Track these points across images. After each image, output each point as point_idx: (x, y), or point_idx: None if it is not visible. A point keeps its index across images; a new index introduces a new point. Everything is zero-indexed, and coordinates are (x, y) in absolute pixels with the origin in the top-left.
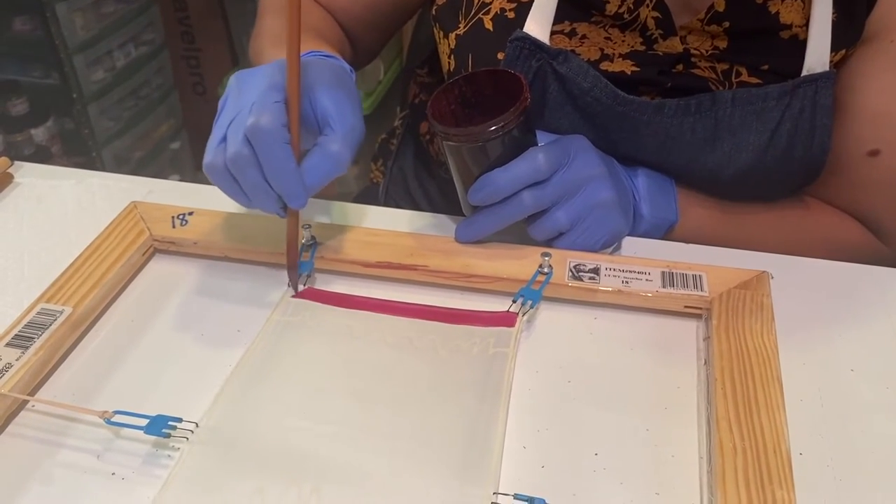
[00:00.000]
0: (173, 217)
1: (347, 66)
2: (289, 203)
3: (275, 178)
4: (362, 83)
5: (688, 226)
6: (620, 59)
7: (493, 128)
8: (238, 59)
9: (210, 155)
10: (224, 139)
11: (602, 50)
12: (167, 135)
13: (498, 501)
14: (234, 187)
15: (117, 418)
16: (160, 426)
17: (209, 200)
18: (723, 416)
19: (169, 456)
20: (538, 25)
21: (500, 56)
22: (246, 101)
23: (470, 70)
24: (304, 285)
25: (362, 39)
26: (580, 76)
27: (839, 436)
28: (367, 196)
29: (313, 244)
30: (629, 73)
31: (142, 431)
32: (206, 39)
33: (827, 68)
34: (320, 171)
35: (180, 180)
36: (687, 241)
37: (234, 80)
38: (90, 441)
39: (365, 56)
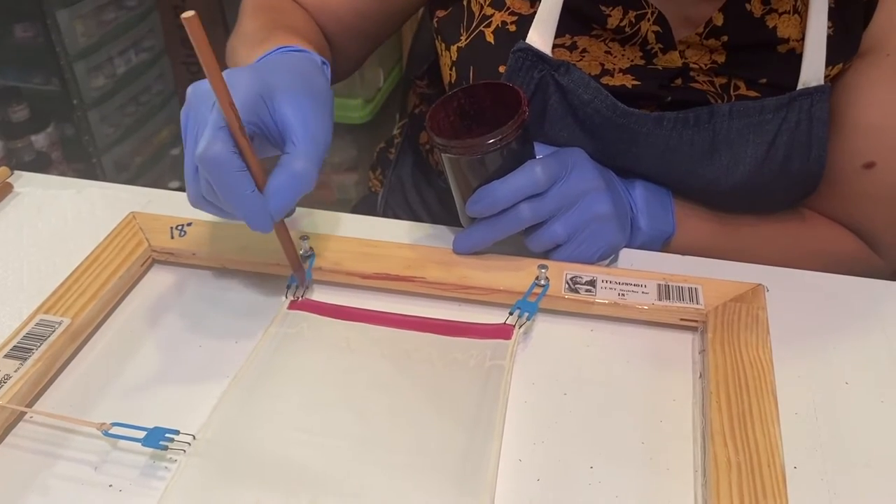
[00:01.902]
0: (172, 227)
1: (318, 59)
2: (252, 228)
3: (234, 208)
4: (362, 90)
5: (685, 238)
6: (621, 73)
7: (491, 140)
8: None
9: (190, 188)
10: (197, 170)
11: (602, 65)
12: (168, 141)
13: None
14: (219, 213)
15: (115, 430)
16: (157, 438)
17: None
18: (717, 429)
19: (166, 468)
20: (540, 37)
21: (502, 69)
22: (200, 127)
23: (471, 83)
24: (302, 297)
25: (348, 47)
26: (581, 88)
27: (834, 450)
28: (366, 205)
29: (311, 255)
30: (630, 87)
31: (139, 443)
32: None
33: (822, 82)
34: (285, 193)
35: (180, 186)
36: (684, 253)
37: (190, 95)
38: (88, 453)
39: (349, 64)
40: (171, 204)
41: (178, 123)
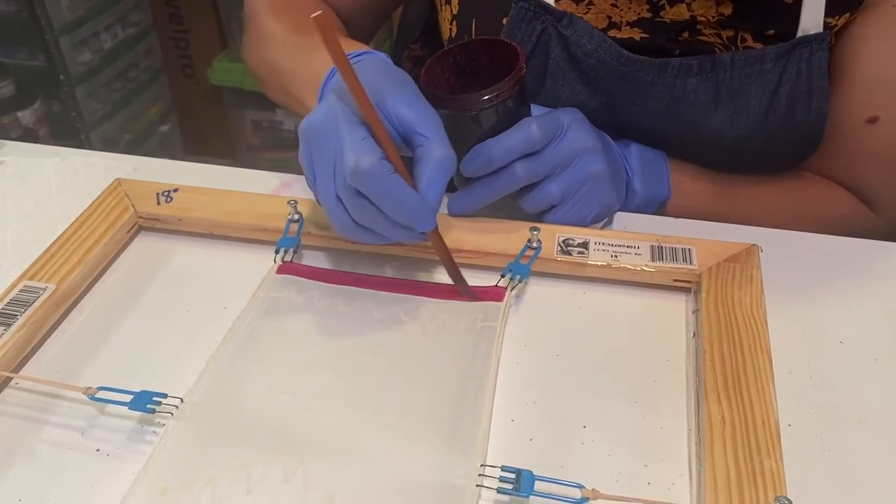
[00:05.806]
0: (158, 194)
1: (383, 55)
2: (418, 228)
3: (397, 213)
4: None
5: (680, 200)
6: (628, 26)
7: (487, 97)
8: (227, 40)
9: (336, 219)
10: (338, 198)
11: (609, 17)
12: (156, 117)
13: (485, 474)
14: (372, 237)
15: (102, 394)
16: (145, 401)
17: (194, 177)
18: (711, 388)
19: (154, 432)
20: None
21: (506, 21)
22: (336, 152)
23: (473, 36)
24: (291, 260)
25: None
26: (584, 38)
27: (828, 408)
28: None
29: (300, 219)
30: (637, 39)
31: (126, 407)
32: (194, 20)
33: (821, 29)
34: (437, 184)
35: None
36: (679, 216)
37: (305, 133)
38: (75, 418)
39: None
40: (157, 171)
41: (167, 100)
